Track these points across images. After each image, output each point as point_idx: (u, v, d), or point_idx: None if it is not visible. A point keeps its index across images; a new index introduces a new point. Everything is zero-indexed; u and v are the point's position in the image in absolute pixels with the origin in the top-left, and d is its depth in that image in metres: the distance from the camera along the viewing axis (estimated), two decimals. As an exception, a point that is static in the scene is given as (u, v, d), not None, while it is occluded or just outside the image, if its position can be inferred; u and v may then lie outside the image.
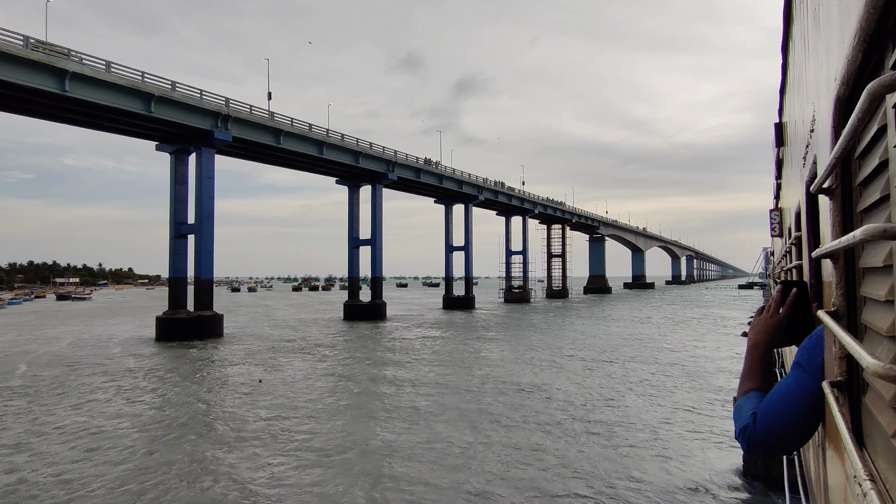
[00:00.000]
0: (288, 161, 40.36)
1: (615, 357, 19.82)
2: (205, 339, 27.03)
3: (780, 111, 5.20)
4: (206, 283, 29.83)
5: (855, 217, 0.96)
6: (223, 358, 20.88)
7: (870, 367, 0.60)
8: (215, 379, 16.46)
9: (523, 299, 64.95)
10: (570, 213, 78.97)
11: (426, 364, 18.72)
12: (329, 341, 25.69)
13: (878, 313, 0.81)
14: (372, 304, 41.67)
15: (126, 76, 26.29)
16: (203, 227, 29.93)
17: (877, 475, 0.73)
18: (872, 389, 0.83)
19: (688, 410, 12.16)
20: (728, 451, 9.41)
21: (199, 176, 30.27)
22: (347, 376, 16.70)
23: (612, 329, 30.57)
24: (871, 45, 0.73)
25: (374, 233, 43.42)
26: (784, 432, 1.11)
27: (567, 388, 14.38)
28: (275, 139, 34.92)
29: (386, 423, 11.35)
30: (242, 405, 12.97)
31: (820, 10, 1.39)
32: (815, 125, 1.56)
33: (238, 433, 10.61)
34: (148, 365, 19.14)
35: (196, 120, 29.64)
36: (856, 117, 0.68)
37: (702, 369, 17.20)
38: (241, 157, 38.39)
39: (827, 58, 1.19)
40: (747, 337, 1.36)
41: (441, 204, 57.72)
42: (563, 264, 77.96)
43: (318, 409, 12.50)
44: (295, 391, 14.45)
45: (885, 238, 0.59)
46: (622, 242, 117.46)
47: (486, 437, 10.20)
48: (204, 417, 11.94)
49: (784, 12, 3.27)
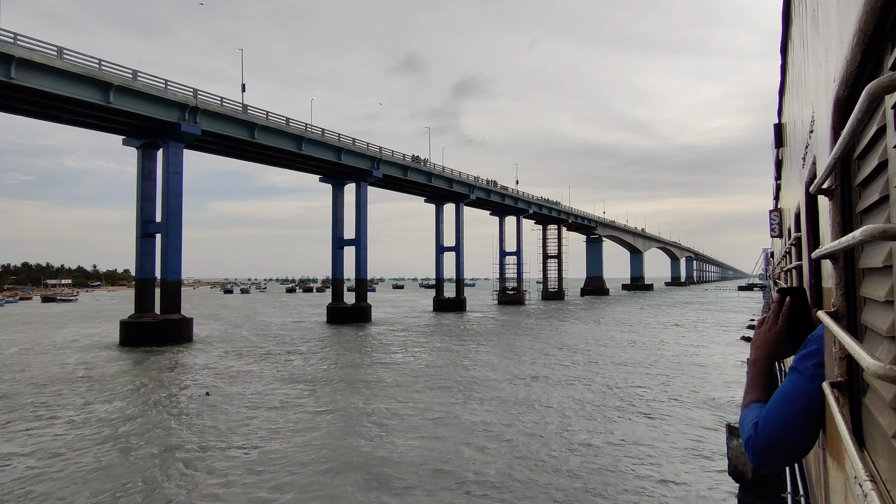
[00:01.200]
0: (265, 157, 40.12)
1: (610, 368, 19.07)
2: (171, 345, 26.69)
3: (779, 112, 5.37)
4: (173, 285, 29.51)
5: (854, 218, 1.00)
6: (183, 365, 20.58)
7: (870, 367, 0.63)
8: (162, 391, 15.79)
9: (517, 301, 65.77)
10: (567, 213, 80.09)
11: (399, 380, 17.26)
12: (303, 348, 25.31)
13: (877, 314, 0.84)
14: (356, 306, 41.93)
15: (81, 64, 25.71)
16: (170, 226, 29.52)
17: (877, 476, 0.76)
18: (873, 390, 0.87)
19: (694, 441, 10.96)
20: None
21: (167, 171, 29.87)
22: (308, 393, 15.47)
23: (609, 333, 30.70)
24: (869, 45, 0.77)
25: (358, 232, 43.72)
26: (786, 438, 1.16)
27: (560, 425, 12.09)
28: (249, 133, 34.63)
29: (325, 478, 8.94)
30: (172, 428, 11.87)
31: (819, 11, 1.44)
32: (815, 126, 1.62)
33: (144, 474, 9.04)
34: (96, 374, 18.60)
35: (161, 112, 29.17)
36: (855, 118, 0.71)
37: (705, 383, 16.38)
38: (215, 153, 37.99)
39: (826, 59, 1.24)
40: (749, 352, 1.43)
41: (432, 203, 58.45)
42: (559, 265, 79.22)
43: (249, 444, 10.66)
44: (238, 412, 13.26)
45: (885, 238, 0.62)
46: (620, 243, 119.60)
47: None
48: (113, 446, 10.59)
49: (783, 13, 3.39)
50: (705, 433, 11.26)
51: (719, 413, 12.90)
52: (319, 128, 39.99)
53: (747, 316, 42.02)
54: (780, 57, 4.20)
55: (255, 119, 34.63)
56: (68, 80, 25.37)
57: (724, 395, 14.86)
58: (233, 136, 33.94)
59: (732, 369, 18.49)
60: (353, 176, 44.36)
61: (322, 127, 40.23)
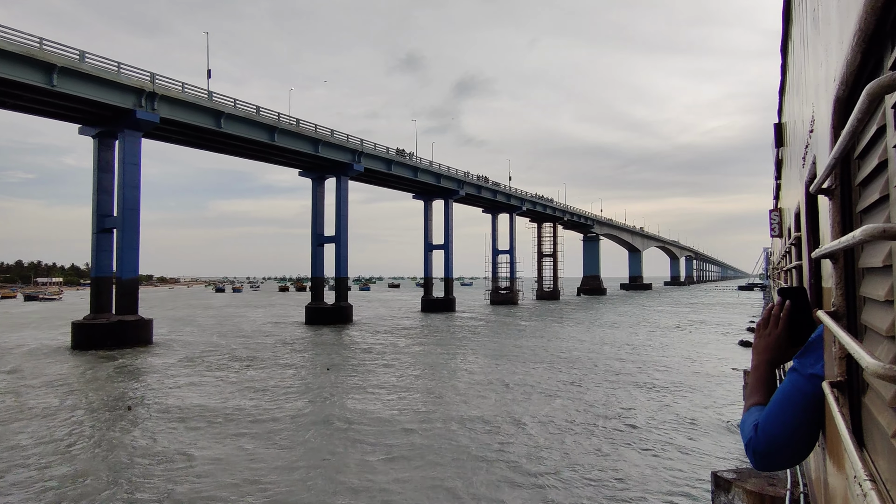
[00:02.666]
0: (236, 148, 39.80)
1: (603, 378, 18.08)
2: (127, 348, 26.38)
3: (779, 112, 5.58)
4: (130, 284, 29.17)
5: (854, 217, 1.07)
6: (128, 372, 20.17)
7: (869, 367, 0.67)
8: (83, 405, 14.93)
9: (510, 301, 66.75)
10: (562, 210, 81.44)
11: (359, 412, 15.02)
12: (268, 353, 24.82)
13: (877, 313, 0.90)
14: (336, 306, 42.10)
15: (17, 42, 24.90)
16: (126, 221, 29.07)
17: (877, 475, 0.82)
18: (872, 389, 0.93)
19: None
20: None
21: (123, 162, 29.35)
22: (252, 406, 14.34)
23: (603, 335, 30.85)
24: (869, 45, 0.81)
25: (338, 229, 44.04)
26: (786, 439, 1.23)
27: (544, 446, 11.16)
28: (215, 122, 34.21)
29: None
30: (65, 454, 10.58)
31: (819, 10, 1.51)
32: (815, 126, 1.69)
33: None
34: (20, 384, 17.84)
35: (115, 97, 28.51)
36: (855, 118, 0.76)
37: (708, 400, 15.11)
38: (180, 143, 37.45)
39: (826, 58, 1.30)
40: (751, 357, 1.51)
41: (420, 200, 59.06)
42: (555, 264, 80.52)
43: (143, 482, 9.14)
44: (156, 433, 11.98)
45: (885, 238, 0.66)
46: (618, 242, 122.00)
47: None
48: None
49: (783, 13, 3.52)
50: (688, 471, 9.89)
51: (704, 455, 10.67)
52: (294, 118, 39.72)
53: (745, 318, 42.53)
54: (781, 56, 4.36)
55: (222, 107, 34.18)
56: (3, 59, 24.53)
57: (712, 416, 13.28)
58: (197, 125, 33.44)
59: (726, 387, 16.78)
60: (333, 170, 44.48)
61: (298, 117, 39.98)
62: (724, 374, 19.11)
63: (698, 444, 11.19)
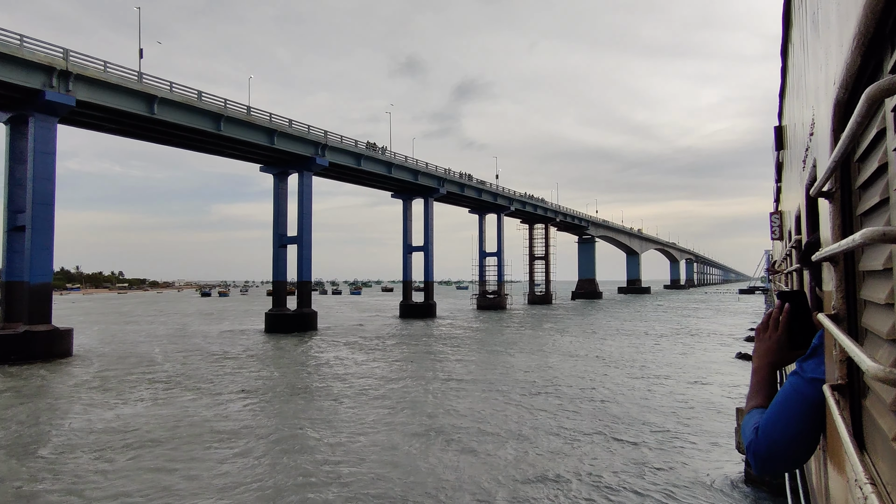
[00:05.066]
0: (180, 139, 39.02)
1: (579, 413, 15.82)
2: (37, 362, 25.66)
3: (779, 115, 5.94)
4: (40, 290, 28.27)
5: (855, 220, 1.17)
6: (27, 393, 19.00)
7: (870, 370, 0.73)
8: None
9: (498, 306, 67.85)
10: (554, 211, 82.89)
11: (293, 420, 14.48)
12: (203, 370, 23.37)
13: (878, 317, 0.99)
14: (298, 313, 42.28)
15: None
16: (36, 218, 28.13)
17: (878, 478, 0.91)
18: (873, 393, 1.02)
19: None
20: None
21: (34, 151, 28.29)
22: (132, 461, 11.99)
23: (592, 346, 30.77)
24: (869, 48, 0.90)
25: (300, 229, 44.14)
26: (786, 442, 1.35)
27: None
28: (147, 108, 33.42)
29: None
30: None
31: (819, 14, 1.65)
32: (815, 129, 1.84)
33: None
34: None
35: (17, 76, 27.35)
36: (855, 121, 0.84)
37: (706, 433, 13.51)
38: (109, 131, 36.35)
39: (826, 62, 1.42)
40: (751, 361, 1.65)
41: (399, 199, 59.62)
42: (547, 267, 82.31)
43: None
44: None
45: (885, 241, 0.72)
46: (615, 244, 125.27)
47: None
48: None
49: (783, 16, 3.77)
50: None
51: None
52: (245, 105, 39.15)
53: (745, 325, 43.10)
54: (781, 60, 4.65)
55: (154, 90, 33.33)
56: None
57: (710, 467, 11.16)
58: (124, 110, 32.45)
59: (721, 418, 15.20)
60: (296, 164, 44.63)
61: (250, 105, 39.41)
62: (713, 402, 16.95)
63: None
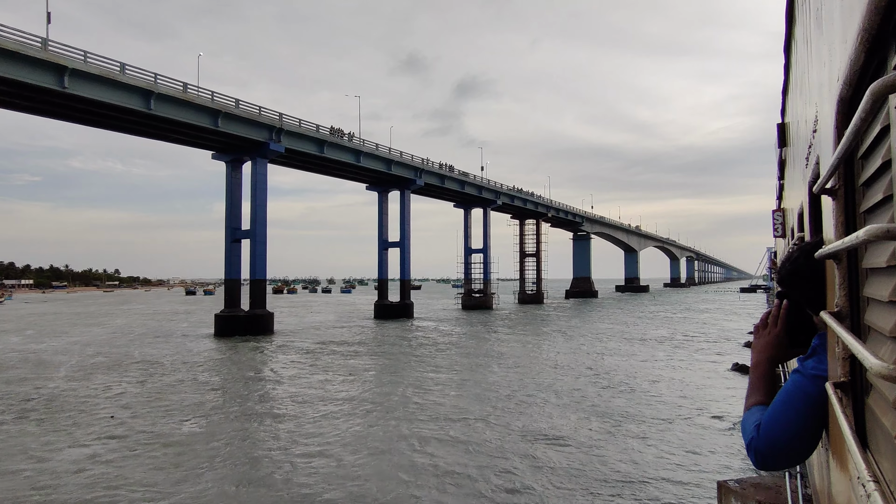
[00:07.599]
0: (106, 119, 35.16)
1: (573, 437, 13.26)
2: None
3: (782, 112, 5.95)
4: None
5: (858, 217, 1.17)
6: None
7: (873, 367, 0.73)
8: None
9: (484, 306, 66.21)
10: (545, 205, 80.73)
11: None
12: (84, 393, 18.89)
13: (881, 314, 0.99)
14: (251, 315, 39.20)
15: None
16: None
17: (880, 476, 0.91)
18: (876, 390, 1.02)
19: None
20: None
21: None
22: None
23: (580, 358, 26.01)
24: (873, 45, 0.90)
25: (254, 221, 41.07)
26: (788, 439, 1.35)
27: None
28: (56, 81, 29.56)
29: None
30: None
31: (822, 10, 1.65)
32: (818, 126, 1.83)
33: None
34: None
35: None
36: (858, 118, 0.84)
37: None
38: (19, 109, 32.76)
39: (829, 58, 1.42)
40: (750, 357, 1.66)
41: (374, 191, 57.87)
42: (538, 265, 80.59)
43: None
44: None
45: (889, 238, 0.73)
46: (612, 241, 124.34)
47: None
48: None
49: (786, 13, 3.77)
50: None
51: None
52: (180, 81, 35.33)
53: (745, 328, 40.02)
54: (784, 56, 4.63)
55: (65, 60, 29.11)
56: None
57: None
58: (28, 83, 28.48)
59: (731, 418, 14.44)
60: (250, 151, 41.48)
61: (187, 82, 35.80)
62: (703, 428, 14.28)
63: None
